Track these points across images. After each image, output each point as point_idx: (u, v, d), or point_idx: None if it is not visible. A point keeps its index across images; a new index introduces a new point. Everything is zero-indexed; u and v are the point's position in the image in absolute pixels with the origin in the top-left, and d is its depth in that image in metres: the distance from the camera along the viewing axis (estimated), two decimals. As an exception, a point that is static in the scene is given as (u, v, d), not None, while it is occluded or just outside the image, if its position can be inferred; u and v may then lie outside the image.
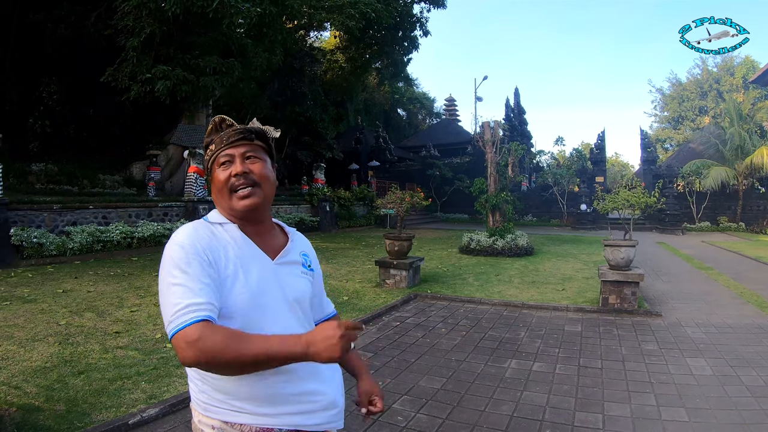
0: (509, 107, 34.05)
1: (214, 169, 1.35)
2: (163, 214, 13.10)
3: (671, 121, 53.75)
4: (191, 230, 1.27)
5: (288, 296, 1.33)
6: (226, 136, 1.34)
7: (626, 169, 61.13)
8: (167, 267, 1.19)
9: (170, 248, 1.22)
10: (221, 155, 1.34)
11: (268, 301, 1.28)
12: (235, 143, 1.34)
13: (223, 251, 1.26)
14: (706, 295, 7.85)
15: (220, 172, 1.33)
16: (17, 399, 3.45)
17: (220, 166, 1.34)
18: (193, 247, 1.21)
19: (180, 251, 1.20)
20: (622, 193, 7.80)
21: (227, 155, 1.33)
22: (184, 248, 1.20)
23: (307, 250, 1.53)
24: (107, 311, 5.98)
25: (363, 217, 22.46)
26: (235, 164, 1.32)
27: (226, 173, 1.32)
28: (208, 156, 1.38)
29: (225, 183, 1.32)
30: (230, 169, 1.32)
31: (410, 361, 4.71)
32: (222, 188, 1.32)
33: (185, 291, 1.14)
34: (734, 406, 3.60)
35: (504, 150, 14.48)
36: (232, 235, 1.32)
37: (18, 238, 9.27)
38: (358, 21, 18.16)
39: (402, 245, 8.20)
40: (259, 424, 1.25)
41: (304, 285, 1.41)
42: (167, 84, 12.58)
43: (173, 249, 1.21)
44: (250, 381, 1.23)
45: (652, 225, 22.71)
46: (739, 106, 26.30)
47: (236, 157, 1.33)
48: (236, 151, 1.33)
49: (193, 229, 1.27)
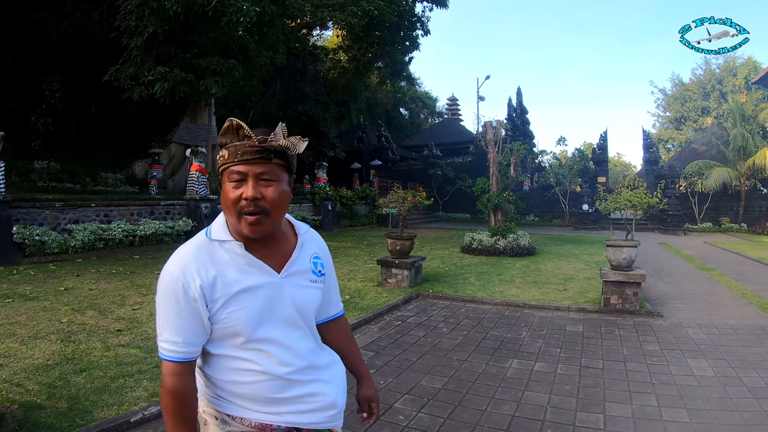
0: (511, 107, 34.04)
1: (225, 180, 1.24)
2: (165, 213, 13.10)
3: (674, 121, 53.64)
4: (186, 255, 1.25)
5: (291, 309, 1.31)
6: (242, 149, 1.21)
7: (628, 170, 61.04)
8: (158, 289, 1.26)
9: (163, 274, 1.25)
10: (233, 170, 1.22)
11: (269, 317, 1.28)
12: (250, 162, 1.21)
13: (220, 276, 1.24)
14: (708, 295, 7.84)
15: (230, 188, 1.23)
16: (19, 396, 3.45)
17: (232, 181, 1.23)
18: (182, 277, 1.22)
19: (169, 281, 1.23)
20: (624, 194, 7.78)
21: (240, 173, 1.21)
22: (172, 277, 1.23)
23: (320, 251, 1.47)
24: (109, 309, 5.99)
25: (365, 216, 22.47)
26: (248, 186, 1.21)
27: (236, 193, 1.21)
28: (220, 162, 1.26)
29: (234, 203, 1.22)
30: (241, 189, 1.21)
31: (411, 360, 4.71)
32: (231, 207, 1.23)
33: (167, 323, 1.24)
34: (735, 407, 3.60)
35: (506, 149, 14.46)
36: (233, 255, 1.27)
37: (20, 236, 9.29)
38: (360, 18, 18.16)
39: (404, 244, 8.20)
40: (258, 420, 1.29)
41: (310, 296, 1.37)
42: (165, 86, 12.61)
43: (164, 276, 1.24)
44: (250, 386, 1.27)
45: (654, 225, 22.69)
46: (742, 107, 26.20)
47: (249, 178, 1.21)
48: (250, 171, 1.21)
49: (187, 254, 1.25)
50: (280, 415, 1.29)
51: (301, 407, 1.31)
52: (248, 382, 1.27)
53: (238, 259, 1.26)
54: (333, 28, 24.26)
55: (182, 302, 1.21)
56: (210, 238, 1.28)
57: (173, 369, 1.22)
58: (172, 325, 1.22)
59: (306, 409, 1.32)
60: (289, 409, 1.30)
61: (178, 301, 1.21)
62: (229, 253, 1.26)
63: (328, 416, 1.36)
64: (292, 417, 1.30)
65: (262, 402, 1.28)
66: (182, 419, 1.24)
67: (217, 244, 1.27)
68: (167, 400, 1.23)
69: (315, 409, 1.33)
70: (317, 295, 1.40)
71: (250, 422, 1.28)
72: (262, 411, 1.28)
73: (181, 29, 13.38)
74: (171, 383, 1.22)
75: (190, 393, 1.25)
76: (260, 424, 1.29)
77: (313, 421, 1.33)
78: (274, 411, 1.28)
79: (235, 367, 1.27)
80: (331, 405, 1.37)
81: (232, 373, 1.27)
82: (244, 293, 1.24)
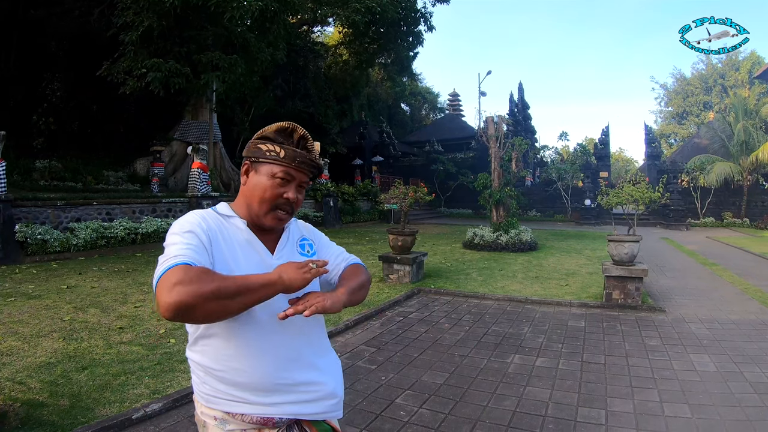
0: (513, 102, 33.87)
1: (264, 170, 1.34)
2: (167, 210, 13.11)
3: (675, 116, 53.50)
4: (197, 213, 1.33)
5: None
6: (301, 158, 1.34)
7: (630, 165, 60.89)
8: (167, 236, 1.25)
9: (174, 224, 1.28)
10: (287, 171, 1.34)
11: None
12: (302, 170, 1.36)
13: (223, 239, 1.30)
14: (710, 291, 7.82)
15: (273, 183, 1.33)
16: (21, 394, 3.46)
17: (276, 178, 1.33)
18: (197, 224, 1.27)
19: (182, 223, 1.27)
20: (627, 189, 7.76)
21: (291, 176, 1.35)
22: (187, 221, 1.27)
23: (307, 234, 1.56)
24: (111, 307, 6.00)
25: (367, 213, 22.45)
26: (291, 189, 1.35)
27: (279, 191, 1.34)
28: (267, 155, 1.33)
29: (273, 198, 1.34)
30: (285, 189, 1.34)
31: (413, 356, 4.71)
32: (267, 200, 1.34)
33: (177, 248, 1.17)
34: (737, 403, 3.59)
35: (508, 145, 14.41)
36: (237, 228, 1.36)
37: (22, 235, 9.30)
38: (363, 15, 18.08)
39: (405, 240, 8.19)
40: (259, 414, 1.28)
41: None
42: (158, 76, 12.59)
43: (177, 223, 1.28)
44: (248, 369, 1.26)
45: (657, 220, 22.64)
46: (745, 101, 26.11)
47: (295, 183, 1.36)
48: (298, 177, 1.36)
49: (199, 213, 1.33)
50: (281, 406, 1.29)
51: (301, 396, 1.31)
52: (247, 368, 1.26)
53: (239, 233, 1.35)
54: (334, 24, 24.21)
55: (197, 236, 1.23)
56: (216, 212, 1.39)
57: (183, 269, 1.08)
58: (180, 248, 1.16)
59: (307, 398, 1.32)
60: (290, 399, 1.30)
61: (192, 235, 1.23)
62: (232, 227, 1.36)
63: (328, 405, 1.37)
64: (294, 407, 1.30)
65: (263, 391, 1.27)
66: (223, 275, 1.14)
67: (223, 218, 1.37)
68: (201, 282, 1.06)
69: (316, 399, 1.34)
70: None
71: (251, 418, 1.28)
72: (263, 402, 1.27)
73: (178, 24, 13.36)
74: (186, 273, 1.07)
75: (205, 267, 1.14)
76: (262, 418, 1.28)
77: (314, 411, 1.34)
78: (275, 402, 1.28)
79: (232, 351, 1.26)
80: (331, 394, 1.38)
81: (230, 360, 1.26)
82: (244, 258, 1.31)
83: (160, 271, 1.10)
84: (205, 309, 1.06)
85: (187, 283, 1.04)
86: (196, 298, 1.04)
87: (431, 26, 23.08)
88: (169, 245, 1.20)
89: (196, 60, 13.44)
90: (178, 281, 1.05)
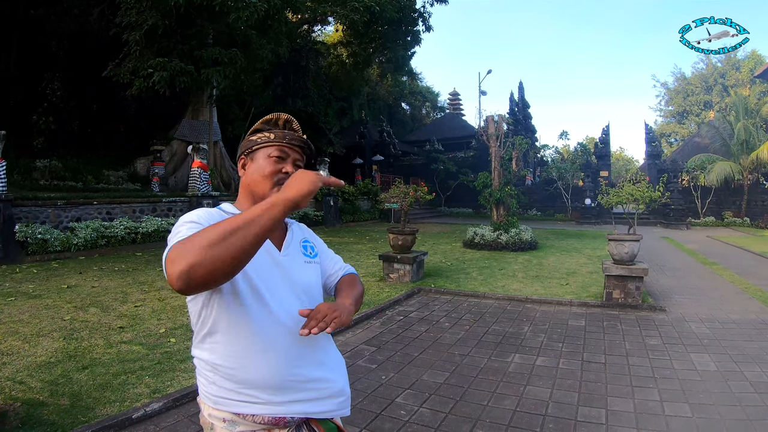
0: (513, 101, 33.84)
1: (259, 155, 1.41)
2: (167, 210, 13.12)
3: (676, 115, 53.51)
4: (203, 209, 1.33)
5: (295, 286, 1.36)
6: (290, 136, 1.43)
7: (631, 164, 60.95)
8: (173, 229, 1.24)
9: (180, 218, 1.28)
10: (281, 149, 1.41)
11: (273, 286, 1.30)
12: (295, 147, 1.44)
13: None
14: (711, 290, 7.82)
15: (270, 162, 1.40)
16: (22, 394, 3.46)
17: (272, 157, 1.40)
18: (204, 217, 1.27)
19: (189, 216, 1.27)
20: (627, 188, 7.76)
21: (285, 152, 1.42)
22: (194, 214, 1.28)
23: (308, 237, 1.57)
24: (111, 306, 6.00)
25: (367, 212, 22.43)
26: (288, 164, 1.41)
27: (277, 167, 1.40)
28: (259, 142, 1.42)
29: (272, 174, 1.38)
30: (282, 165, 1.40)
31: (413, 355, 4.71)
32: (268, 177, 1.38)
33: (181, 235, 1.14)
34: (738, 402, 3.59)
35: (508, 144, 14.40)
36: None
37: (23, 235, 9.31)
38: (362, 14, 18.09)
39: (406, 239, 8.19)
40: (270, 414, 1.26)
41: (310, 273, 1.45)
42: (164, 75, 12.60)
43: (182, 217, 1.28)
44: (259, 366, 1.25)
45: (657, 220, 22.64)
46: (746, 100, 26.10)
47: (290, 160, 1.42)
48: (292, 155, 1.43)
49: (204, 209, 1.33)
50: (292, 404, 1.28)
51: (311, 394, 1.31)
52: (258, 364, 1.24)
53: None
54: (334, 23, 24.20)
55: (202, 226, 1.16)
56: (221, 210, 1.40)
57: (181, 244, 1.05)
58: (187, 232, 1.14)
59: (316, 396, 1.32)
60: (300, 397, 1.29)
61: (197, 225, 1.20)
62: None
63: (337, 403, 1.37)
64: (304, 406, 1.29)
65: (273, 389, 1.26)
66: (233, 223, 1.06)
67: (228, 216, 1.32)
68: (205, 232, 1.04)
69: (325, 396, 1.34)
70: (316, 270, 1.49)
71: (262, 418, 1.26)
72: (274, 401, 1.26)
73: (181, 23, 13.36)
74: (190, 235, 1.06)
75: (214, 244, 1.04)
76: (273, 418, 1.26)
77: (324, 410, 1.33)
78: (285, 400, 1.27)
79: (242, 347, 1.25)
80: (340, 391, 1.38)
81: (240, 356, 1.25)
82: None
83: (165, 253, 1.08)
84: (212, 260, 1.00)
85: (187, 247, 1.01)
86: (198, 251, 0.99)
87: (429, 26, 23.08)
88: (174, 235, 1.19)
89: (198, 56, 13.44)
90: (179, 250, 1.02)
